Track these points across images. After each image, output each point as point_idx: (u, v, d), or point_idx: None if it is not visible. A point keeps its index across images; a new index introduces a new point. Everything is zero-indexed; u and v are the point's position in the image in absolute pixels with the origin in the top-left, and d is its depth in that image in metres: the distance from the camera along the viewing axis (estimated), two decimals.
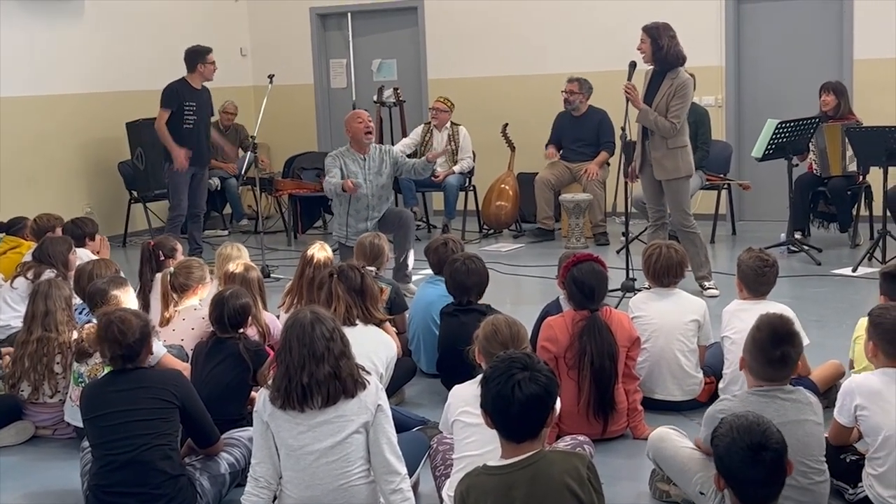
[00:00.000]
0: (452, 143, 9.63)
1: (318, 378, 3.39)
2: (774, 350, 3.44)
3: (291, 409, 3.41)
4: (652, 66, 6.79)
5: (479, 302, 5.08)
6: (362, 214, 7.33)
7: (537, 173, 9.43)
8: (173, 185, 8.65)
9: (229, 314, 4.41)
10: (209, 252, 8.22)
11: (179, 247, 5.89)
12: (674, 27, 6.73)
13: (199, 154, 8.62)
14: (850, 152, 8.02)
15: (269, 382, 3.52)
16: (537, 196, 9.30)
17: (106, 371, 3.94)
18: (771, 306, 4.53)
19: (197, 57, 8.55)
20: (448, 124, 9.67)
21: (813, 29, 9.47)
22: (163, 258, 5.61)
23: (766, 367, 3.46)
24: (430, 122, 9.79)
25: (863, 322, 4.18)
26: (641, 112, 6.68)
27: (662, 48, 6.63)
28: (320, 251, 5.45)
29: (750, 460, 2.85)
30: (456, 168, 9.55)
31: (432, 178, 9.40)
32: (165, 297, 5.03)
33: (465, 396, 3.63)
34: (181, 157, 8.40)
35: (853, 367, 4.32)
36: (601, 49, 9.84)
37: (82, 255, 6.07)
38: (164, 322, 4.96)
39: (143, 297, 5.42)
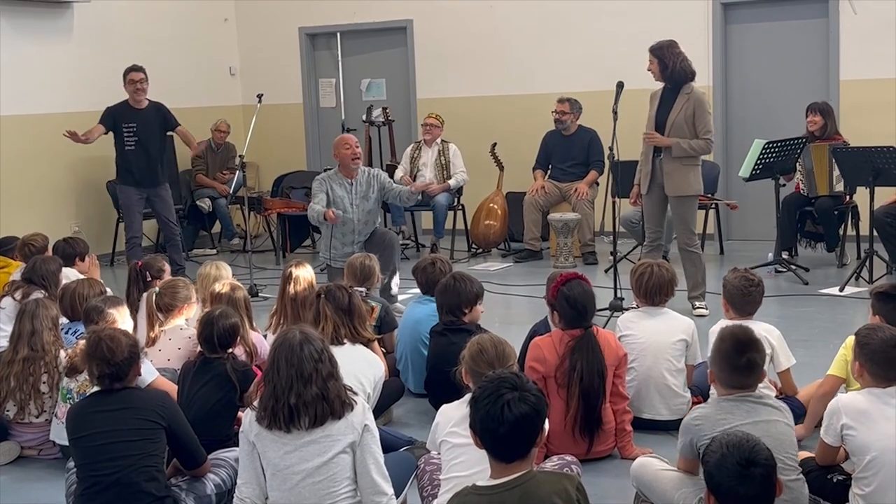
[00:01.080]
0: (443, 159, 9.66)
1: (306, 399, 3.38)
2: (740, 357, 3.54)
3: (278, 430, 3.41)
4: (662, 84, 6.79)
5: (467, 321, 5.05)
6: (348, 238, 7.34)
7: (526, 192, 9.45)
8: (124, 208, 8.59)
9: (219, 334, 4.40)
10: (192, 271, 8.19)
11: (168, 268, 5.90)
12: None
13: (148, 174, 8.44)
14: (836, 172, 8.06)
15: (256, 402, 3.51)
16: (525, 217, 9.32)
17: (94, 388, 3.93)
18: (757, 326, 4.55)
19: (123, 78, 8.48)
20: (438, 141, 9.70)
21: (799, 50, 9.54)
22: (150, 279, 5.61)
23: (733, 374, 3.56)
24: (419, 142, 9.82)
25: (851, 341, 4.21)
26: (675, 146, 6.64)
27: (668, 67, 6.65)
28: (298, 269, 5.45)
29: (740, 476, 2.86)
30: (451, 182, 9.58)
31: (428, 194, 9.42)
32: (151, 318, 5.02)
33: (453, 416, 3.63)
34: (79, 137, 8.34)
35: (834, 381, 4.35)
36: (589, 69, 9.90)
37: (69, 275, 6.05)
38: (151, 342, 4.95)
39: (132, 317, 5.39)
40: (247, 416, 3.51)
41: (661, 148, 6.73)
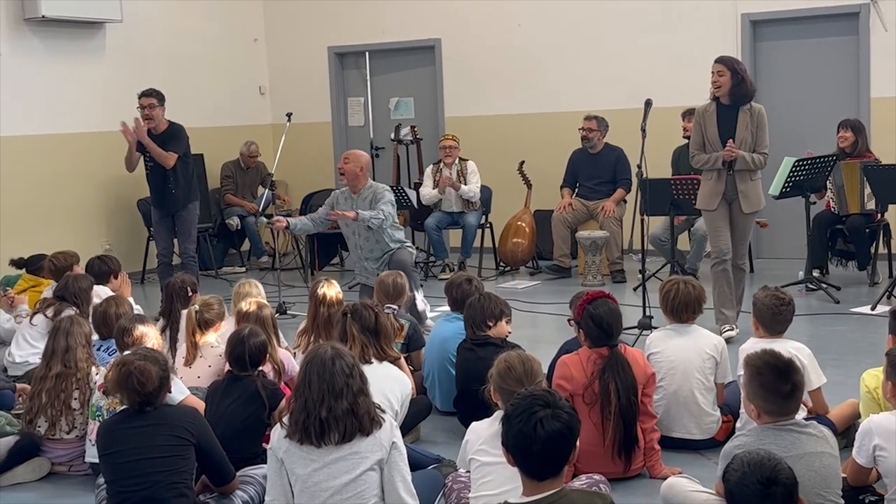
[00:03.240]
0: (461, 178, 9.67)
1: (337, 413, 3.40)
2: (785, 384, 3.40)
3: (308, 444, 3.41)
4: (712, 101, 6.64)
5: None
6: (355, 254, 7.56)
7: (553, 210, 9.44)
8: (153, 227, 8.64)
9: (250, 352, 4.43)
10: (222, 288, 8.22)
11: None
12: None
13: (164, 198, 8.32)
14: (868, 190, 8.01)
15: (286, 418, 3.52)
16: (554, 234, 9.31)
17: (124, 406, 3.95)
18: (787, 345, 4.52)
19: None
20: (457, 160, 9.73)
21: (829, 67, 9.49)
22: (191, 294, 5.66)
23: (779, 402, 3.41)
24: (438, 162, 9.84)
25: (872, 373, 4.18)
26: (740, 158, 6.54)
27: (744, 83, 6.53)
28: (326, 288, 5.48)
29: (761, 494, 2.83)
30: (464, 187, 9.58)
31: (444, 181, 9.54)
32: (193, 334, 5.05)
33: (483, 434, 3.62)
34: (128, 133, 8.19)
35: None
36: (617, 87, 9.90)
37: (100, 293, 6.11)
38: (191, 359, 5.00)
39: (171, 334, 5.43)
40: (275, 433, 3.53)
41: (733, 165, 6.58)
